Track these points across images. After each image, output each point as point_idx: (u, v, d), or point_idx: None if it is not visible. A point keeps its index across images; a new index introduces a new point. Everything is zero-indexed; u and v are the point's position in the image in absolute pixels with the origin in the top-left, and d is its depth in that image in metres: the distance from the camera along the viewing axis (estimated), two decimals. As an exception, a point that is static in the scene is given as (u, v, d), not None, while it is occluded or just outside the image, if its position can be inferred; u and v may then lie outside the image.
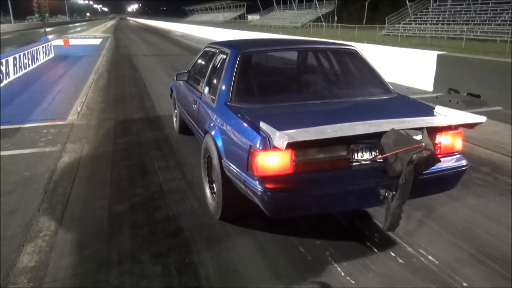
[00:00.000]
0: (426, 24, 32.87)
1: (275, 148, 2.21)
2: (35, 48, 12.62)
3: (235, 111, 2.76)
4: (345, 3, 58.19)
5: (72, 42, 21.93)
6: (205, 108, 3.38)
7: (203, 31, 33.57)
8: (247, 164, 2.39)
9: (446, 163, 2.62)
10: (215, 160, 2.87)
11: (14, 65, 10.03)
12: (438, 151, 2.61)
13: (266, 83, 3.44)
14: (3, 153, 4.66)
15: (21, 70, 10.61)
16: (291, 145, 2.11)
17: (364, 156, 2.44)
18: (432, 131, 2.50)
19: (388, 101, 3.14)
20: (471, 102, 7.16)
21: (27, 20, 63.70)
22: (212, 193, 3.15)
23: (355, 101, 3.10)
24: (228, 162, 2.68)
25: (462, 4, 31.34)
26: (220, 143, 2.82)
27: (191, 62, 4.66)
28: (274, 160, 2.30)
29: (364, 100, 3.13)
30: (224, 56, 3.39)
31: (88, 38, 28.33)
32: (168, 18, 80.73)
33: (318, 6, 56.00)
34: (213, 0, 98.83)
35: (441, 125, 2.54)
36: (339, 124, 2.34)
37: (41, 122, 5.95)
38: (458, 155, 2.74)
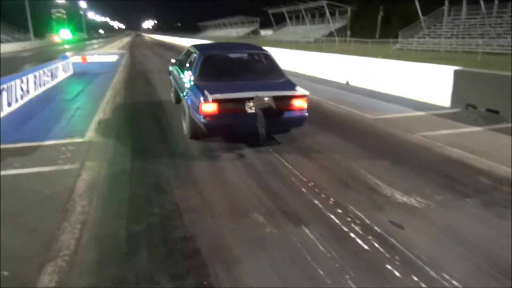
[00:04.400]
0: (440, 38, 32.71)
1: (208, 101, 4.88)
2: (54, 66, 12.92)
3: (196, 85, 5.48)
4: (357, 18, 58.39)
5: (90, 59, 22.37)
6: (184, 83, 6.19)
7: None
8: (198, 109, 5.06)
9: (297, 113, 5.39)
10: (186, 110, 5.69)
11: (34, 82, 10.27)
12: (293, 106, 5.35)
13: (214, 71, 5.92)
14: (23, 171, 4.75)
15: (41, 87, 10.86)
16: (215, 101, 4.88)
17: (253, 110, 5.04)
18: (291, 98, 5.33)
19: (276, 82, 5.85)
20: (490, 118, 7.05)
21: (46, 37, 65.45)
22: (185, 127, 6.00)
23: (260, 82, 5.73)
24: (192, 110, 5.42)
25: (476, 18, 31.16)
26: (189, 101, 5.59)
27: (180, 55, 7.77)
28: (208, 107, 4.95)
29: (265, 81, 5.81)
30: (195, 55, 6.30)
31: (105, 55, 28.81)
32: (182, 34, 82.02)
33: (331, 21, 56.32)
34: (226, 16, 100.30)
35: (285, 95, 5.35)
36: (241, 92, 5.08)
37: (60, 139, 6.06)
38: (304, 111, 5.44)
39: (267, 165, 4.97)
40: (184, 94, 6.05)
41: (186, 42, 51.11)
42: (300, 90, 5.44)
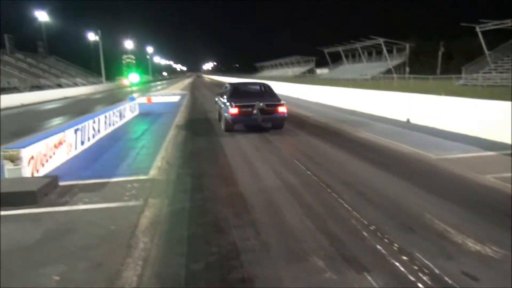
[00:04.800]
0: (508, 72, 30.96)
1: (233, 107, 10.00)
2: (122, 107, 13.90)
3: (227, 100, 10.48)
4: (416, 55, 57.22)
5: (154, 99, 23.81)
6: (222, 102, 11.29)
7: (272, 86, 34.69)
8: (228, 111, 10.11)
9: (280, 114, 10.34)
10: (223, 115, 10.74)
11: (105, 122, 11.08)
12: (278, 109, 10.28)
13: (237, 93, 10.85)
14: (92, 206, 5.04)
15: (110, 127, 11.67)
16: (236, 106, 10.05)
17: (255, 110, 9.90)
18: (277, 106, 10.34)
19: (269, 98, 10.79)
20: None
21: (116, 80, 70.98)
22: (222, 126, 10.94)
23: (260, 98, 10.48)
24: (225, 113, 10.43)
25: (549, 50, 29.28)
26: (224, 110, 10.53)
27: (220, 90, 12.98)
28: (233, 110, 9.98)
29: (263, 97, 10.58)
30: (228, 87, 11.72)
31: (168, 95, 30.55)
32: (239, 74, 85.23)
33: (388, 58, 55.72)
34: (283, 56, 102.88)
35: (271, 103, 10.38)
36: (248, 102, 10.20)
37: (126, 176, 6.40)
38: (285, 113, 10.35)
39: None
40: (222, 106, 11.23)
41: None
42: (281, 102, 10.55)
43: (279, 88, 31.61)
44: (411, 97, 12.76)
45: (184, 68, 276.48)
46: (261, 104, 10.16)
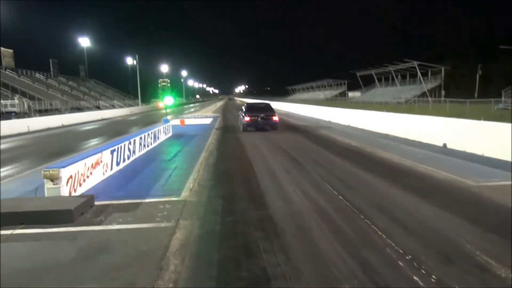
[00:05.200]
0: (552, 96, 29.65)
1: (246, 117, 17.73)
2: (157, 129, 14.28)
3: (244, 113, 18.40)
4: (452, 77, 55.89)
5: (187, 122, 24.37)
6: (241, 114, 19.43)
7: (303, 109, 34.78)
8: (243, 119, 17.85)
9: (273, 121, 17.88)
10: (241, 121, 18.43)
11: (140, 144, 11.40)
12: (273, 118, 17.95)
13: (250, 109, 18.98)
14: (126, 226, 5.14)
15: (145, 149, 11.98)
16: (248, 116, 17.82)
17: (259, 118, 17.70)
18: (273, 115, 18.27)
19: (268, 111, 18.66)
20: None
21: (151, 102, 73.27)
22: (240, 127, 18.45)
23: (262, 112, 18.41)
24: (242, 120, 18.18)
25: None
26: (243, 119, 18.11)
27: (241, 108, 20.85)
28: (247, 119, 17.65)
29: (264, 112, 18.49)
30: (246, 105, 21.46)
31: (200, 118, 31.22)
32: (271, 97, 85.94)
33: (423, 81, 54.72)
34: (314, 80, 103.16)
35: (269, 114, 18.22)
36: (256, 114, 18.00)
37: (159, 197, 6.51)
38: (277, 120, 18.01)
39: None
40: (240, 117, 18.66)
41: (275, 105, 53.35)
42: (275, 114, 18.28)
43: (310, 111, 31.62)
44: (448, 121, 12.40)
45: (217, 91, 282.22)
46: (262, 115, 18.05)
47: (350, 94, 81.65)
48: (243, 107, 20.63)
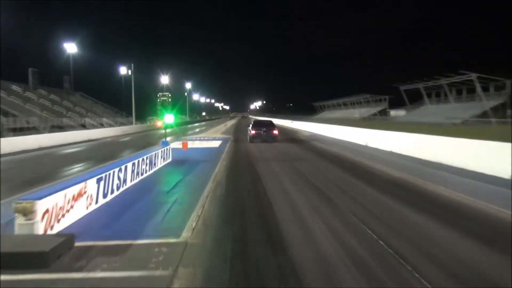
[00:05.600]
0: None
1: (252, 130, 28.21)
2: (153, 153, 14.39)
3: (251, 128, 28.97)
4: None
5: (191, 145, 24.56)
6: (248, 129, 29.95)
7: (335, 130, 34.62)
8: (250, 132, 28.30)
9: (275, 133, 28.19)
10: (249, 133, 28.75)
11: (132, 171, 11.47)
12: (275, 132, 28.37)
13: (255, 124, 29.96)
14: (112, 274, 5.09)
15: (138, 177, 12.05)
16: (254, 130, 28.40)
17: (262, 132, 27.99)
18: (274, 129, 28.79)
19: (270, 126, 29.58)
20: None
21: (148, 121, 74.37)
22: (248, 138, 28.66)
23: (265, 127, 29.01)
24: (249, 133, 28.53)
25: None
26: (250, 131, 28.57)
27: (250, 122, 33.83)
28: (252, 131, 28.04)
29: (267, 127, 29.08)
30: (252, 121, 37.02)
31: (207, 140, 31.45)
32: (294, 116, 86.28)
33: (483, 98, 54.13)
34: (348, 95, 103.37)
35: (271, 129, 28.77)
36: (260, 129, 28.43)
37: (154, 238, 6.48)
38: (277, 133, 28.36)
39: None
40: (248, 130, 28.89)
41: (298, 125, 53.48)
42: (275, 128, 28.84)
43: (343, 133, 31.47)
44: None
45: (227, 107, 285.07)
46: (264, 129, 27.45)
47: (393, 112, 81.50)
48: (251, 123, 32.98)
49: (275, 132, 28.29)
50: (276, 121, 79.23)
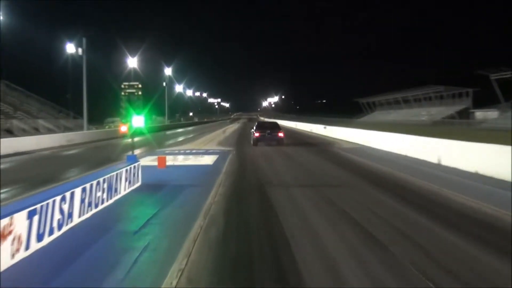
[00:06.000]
0: None
1: (255, 133, 45.10)
2: (115, 173, 14.30)
3: (254, 130, 46.41)
4: None
5: (171, 161, 24.54)
6: (251, 131, 48.80)
7: (402, 143, 34.16)
8: (253, 135, 45.40)
9: (278, 136, 44.37)
10: (252, 136, 46.54)
11: (82, 201, 11.41)
12: (280, 134, 44.52)
13: (259, 126, 48.14)
14: None
15: (91, 210, 12.01)
16: (257, 132, 45.66)
17: (266, 134, 44.98)
18: (279, 131, 45.71)
19: (275, 128, 48.06)
20: None
21: (106, 124, 74.62)
22: (252, 141, 45.75)
23: (269, 129, 47.37)
24: (252, 135, 46.13)
25: None
26: (253, 134, 46.01)
27: (254, 125, 47.77)
28: (256, 134, 44.54)
29: (271, 129, 47.44)
30: (256, 123, 55.05)
31: (196, 154, 31.43)
32: (325, 119, 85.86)
33: None
34: (409, 87, 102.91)
35: (276, 130, 46.51)
36: (264, 131, 46.08)
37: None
38: (282, 136, 44.21)
39: None
40: (252, 133, 45.85)
41: (332, 132, 53.82)
42: (280, 130, 44.27)
43: (408, 144, 31.07)
44: None
45: (226, 105, 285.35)
46: (269, 131, 42.10)
47: (479, 113, 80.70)
48: (255, 125, 46.06)
49: (280, 134, 41.98)
50: (302, 125, 79.38)
